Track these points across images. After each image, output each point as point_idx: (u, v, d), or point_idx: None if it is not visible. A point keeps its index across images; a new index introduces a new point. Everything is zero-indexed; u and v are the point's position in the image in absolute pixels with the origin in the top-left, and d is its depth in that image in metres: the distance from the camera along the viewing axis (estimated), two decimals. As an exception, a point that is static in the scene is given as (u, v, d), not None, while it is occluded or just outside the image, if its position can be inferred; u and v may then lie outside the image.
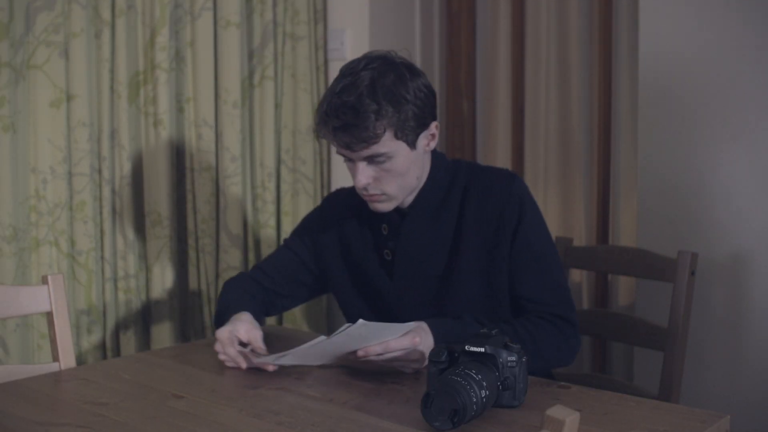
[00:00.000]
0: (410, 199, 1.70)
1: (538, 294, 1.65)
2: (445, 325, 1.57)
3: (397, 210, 1.71)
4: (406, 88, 1.58)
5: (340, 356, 1.56)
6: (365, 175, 1.61)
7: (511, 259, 1.65)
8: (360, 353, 1.48)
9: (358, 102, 1.55)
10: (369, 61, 1.60)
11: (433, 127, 1.66)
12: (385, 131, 1.57)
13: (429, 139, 1.66)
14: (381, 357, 1.49)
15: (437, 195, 1.70)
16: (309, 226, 1.86)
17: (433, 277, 1.68)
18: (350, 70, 1.60)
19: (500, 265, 1.65)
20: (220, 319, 1.70)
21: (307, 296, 1.90)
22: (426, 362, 1.49)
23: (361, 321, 1.46)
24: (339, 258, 1.79)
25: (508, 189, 1.66)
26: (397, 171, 1.62)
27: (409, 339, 1.48)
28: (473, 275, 1.66)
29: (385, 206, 1.67)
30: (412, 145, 1.62)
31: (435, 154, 1.72)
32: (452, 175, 1.72)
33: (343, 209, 1.81)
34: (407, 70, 1.61)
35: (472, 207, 1.67)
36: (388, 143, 1.58)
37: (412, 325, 1.52)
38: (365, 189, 1.63)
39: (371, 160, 1.60)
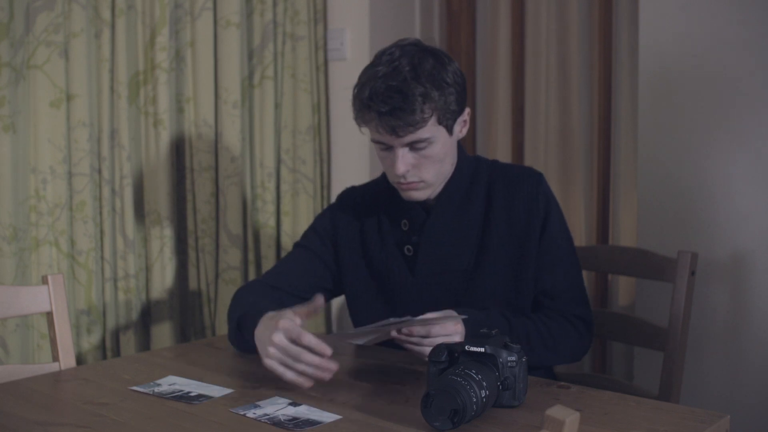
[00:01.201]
0: (435, 192, 1.70)
1: (558, 292, 1.68)
2: (475, 315, 1.57)
3: (420, 205, 1.71)
4: (446, 72, 1.60)
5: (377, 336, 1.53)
6: (405, 161, 1.61)
7: (537, 257, 1.67)
8: (404, 331, 1.47)
9: (405, 86, 1.55)
10: (404, 48, 1.61)
11: (466, 113, 1.68)
12: (431, 115, 1.58)
13: (462, 125, 1.68)
14: (422, 341, 1.48)
15: (461, 189, 1.71)
16: (325, 224, 1.83)
17: (457, 272, 1.69)
18: (387, 57, 1.60)
19: (528, 261, 1.67)
20: (246, 323, 1.57)
21: (328, 298, 1.85)
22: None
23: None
24: (356, 255, 1.78)
25: (536, 187, 1.69)
26: (436, 157, 1.62)
27: (452, 326, 1.49)
28: (500, 270, 1.67)
29: (421, 194, 1.66)
30: (450, 130, 1.64)
31: (458, 149, 1.73)
32: (474, 169, 1.74)
33: (358, 206, 1.81)
34: (443, 55, 1.63)
35: (499, 202, 1.69)
36: (432, 128, 1.59)
37: (439, 313, 1.53)
38: (404, 177, 1.63)
39: (412, 146, 1.60)
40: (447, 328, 1.49)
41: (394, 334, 1.50)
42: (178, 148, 2.41)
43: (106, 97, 2.23)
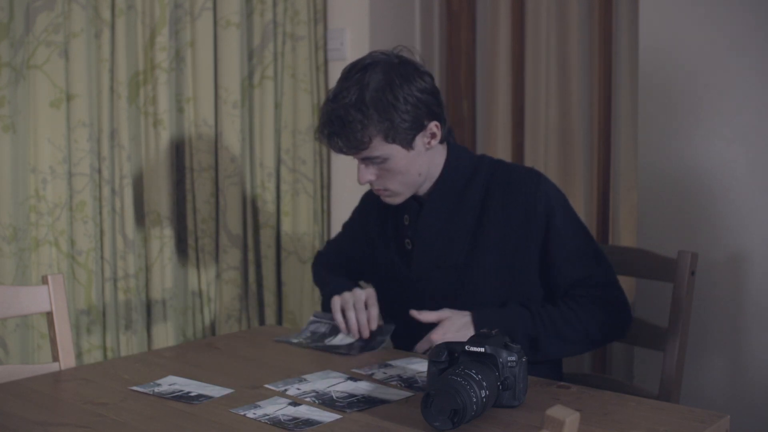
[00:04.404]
0: (426, 187, 1.76)
1: (581, 280, 1.70)
2: (490, 314, 1.65)
3: (418, 201, 1.78)
4: (394, 95, 1.64)
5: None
6: (366, 173, 1.71)
7: (551, 258, 1.70)
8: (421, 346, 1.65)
9: (345, 112, 1.63)
10: (364, 66, 1.66)
11: (433, 127, 1.70)
12: (371, 139, 1.64)
13: (429, 138, 1.71)
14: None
15: (456, 186, 1.75)
16: (351, 219, 2.00)
17: (452, 267, 1.73)
18: (345, 74, 1.68)
19: (526, 261, 1.70)
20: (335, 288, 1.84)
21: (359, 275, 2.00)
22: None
23: None
24: (368, 249, 1.88)
25: (534, 188, 1.71)
26: (396, 170, 1.69)
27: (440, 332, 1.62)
28: (495, 267, 1.70)
29: (393, 200, 1.76)
30: (408, 145, 1.68)
31: (455, 148, 1.78)
32: (474, 168, 1.77)
33: (371, 206, 1.91)
34: (400, 76, 1.65)
35: (496, 201, 1.72)
36: (380, 147, 1.66)
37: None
38: (369, 184, 1.73)
39: (368, 161, 1.69)
40: (437, 336, 1.60)
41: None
42: (178, 148, 2.41)
43: (106, 97, 2.23)
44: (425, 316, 1.65)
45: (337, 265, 1.98)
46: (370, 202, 1.92)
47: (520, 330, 1.63)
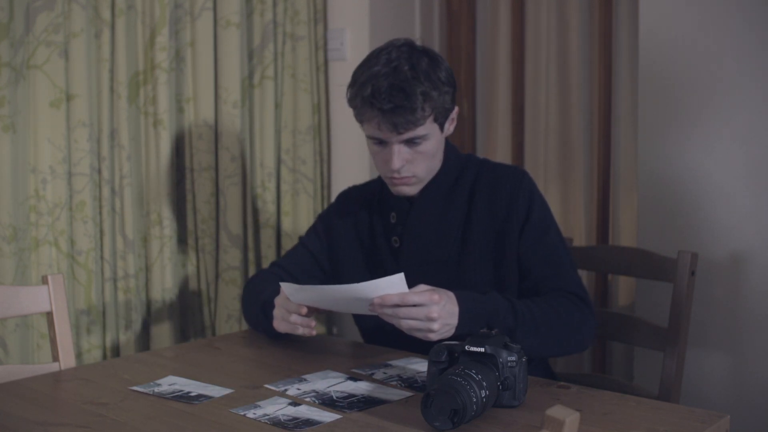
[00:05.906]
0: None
1: (550, 275, 1.67)
2: (473, 298, 1.53)
3: (405, 197, 1.77)
4: (440, 72, 1.66)
5: (360, 304, 1.49)
6: (401, 157, 1.67)
7: (522, 251, 1.69)
8: (376, 301, 1.44)
9: (407, 84, 1.60)
10: (399, 48, 1.66)
11: (455, 112, 1.74)
12: (430, 113, 1.64)
13: (450, 123, 1.74)
14: (396, 312, 1.44)
15: (446, 184, 1.76)
16: (324, 222, 1.92)
17: (441, 263, 1.73)
18: (385, 57, 1.65)
19: (508, 256, 1.70)
20: (266, 310, 1.71)
21: None
22: (439, 331, 1.45)
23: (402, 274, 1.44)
24: (354, 251, 1.84)
25: (518, 185, 1.72)
26: (429, 153, 1.69)
27: (427, 295, 1.44)
28: (482, 263, 1.71)
29: (411, 189, 1.73)
30: (441, 127, 1.70)
31: (447, 146, 1.79)
32: (462, 167, 1.79)
33: (355, 203, 1.88)
34: (436, 55, 1.69)
35: (482, 199, 1.73)
36: (429, 125, 1.66)
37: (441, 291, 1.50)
38: (398, 171, 1.68)
39: (409, 142, 1.66)
40: (422, 297, 1.43)
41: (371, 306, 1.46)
42: (178, 148, 2.41)
43: (106, 97, 2.23)
44: (411, 297, 1.44)
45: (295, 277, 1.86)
46: (352, 202, 1.88)
47: (500, 319, 1.54)
